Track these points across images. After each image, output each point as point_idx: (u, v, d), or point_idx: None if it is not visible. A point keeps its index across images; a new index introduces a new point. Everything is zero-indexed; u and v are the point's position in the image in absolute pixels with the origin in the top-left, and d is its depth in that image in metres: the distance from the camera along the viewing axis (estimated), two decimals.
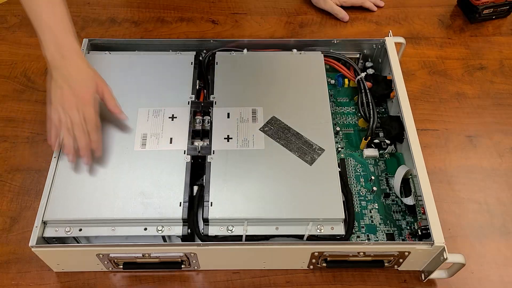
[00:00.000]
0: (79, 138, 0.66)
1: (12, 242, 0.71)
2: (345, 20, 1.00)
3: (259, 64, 0.81)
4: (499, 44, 0.97)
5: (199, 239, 0.65)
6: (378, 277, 0.69)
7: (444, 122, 0.85)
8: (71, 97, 0.67)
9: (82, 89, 0.67)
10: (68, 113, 0.66)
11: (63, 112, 0.67)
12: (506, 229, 0.73)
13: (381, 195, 0.74)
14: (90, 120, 0.67)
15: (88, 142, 0.66)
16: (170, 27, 0.99)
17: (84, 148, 0.66)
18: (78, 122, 0.66)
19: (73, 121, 0.66)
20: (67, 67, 0.68)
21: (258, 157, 0.70)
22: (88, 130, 0.67)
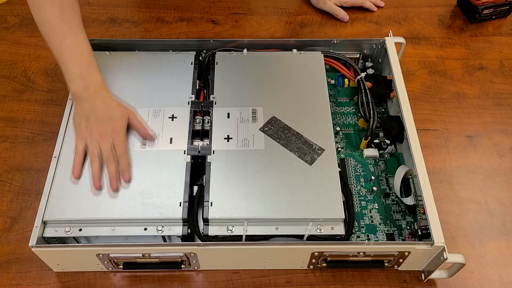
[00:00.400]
0: (108, 163, 0.67)
1: (12, 242, 0.71)
2: (345, 20, 1.00)
3: (259, 64, 0.81)
4: (499, 44, 0.97)
5: (199, 239, 0.65)
6: (378, 277, 0.69)
7: (444, 122, 0.85)
8: (98, 127, 0.68)
9: (110, 120, 0.69)
10: (97, 141, 0.67)
11: (92, 141, 0.68)
12: (506, 229, 0.73)
13: (381, 195, 0.74)
14: (119, 148, 0.68)
15: (117, 167, 0.67)
16: (170, 27, 0.99)
17: (114, 173, 0.66)
18: (106, 150, 0.67)
19: (102, 149, 0.67)
20: (93, 100, 0.69)
21: (258, 157, 0.70)
22: (117, 156, 0.68)
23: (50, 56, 0.93)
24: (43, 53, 0.94)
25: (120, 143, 0.68)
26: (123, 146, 0.68)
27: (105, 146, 0.67)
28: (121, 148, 0.68)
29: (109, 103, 0.70)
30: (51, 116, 0.84)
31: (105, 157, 0.67)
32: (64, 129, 0.72)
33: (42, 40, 0.96)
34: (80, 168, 0.67)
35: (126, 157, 0.68)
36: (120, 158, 0.68)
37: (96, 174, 0.66)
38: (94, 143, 0.67)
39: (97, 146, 0.67)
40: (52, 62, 0.92)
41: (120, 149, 0.68)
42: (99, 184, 0.66)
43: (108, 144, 0.67)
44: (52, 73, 0.91)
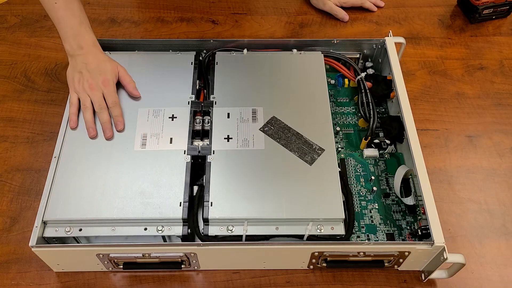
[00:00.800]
0: (101, 113, 0.72)
1: (12, 242, 0.71)
2: (345, 20, 1.00)
3: (259, 64, 0.81)
4: (499, 44, 0.97)
5: (199, 239, 0.65)
6: (378, 277, 0.69)
7: (444, 122, 0.85)
8: (90, 80, 0.73)
9: (101, 73, 0.73)
10: (88, 93, 0.73)
11: (83, 92, 0.73)
12: (506, 229, 0.73)
13: (381, 195, 0.74)
14: (110, 97, 0.73)
15: (109, 117, 0.72)
16: (170, 27, 0.99)
17: (106, 122, 0.71)
18: (97, 100, 0.72)
19: (93, 99, 0.72)
20: (86, 56, 0.74)
21: (258, 157, 0.70)
22: (108, 106, 0.72)
23: (50, 56, 0.93)
24: (43, 53, 0.94)
25: (111, 93, 0.73)
26: (113, 96, 0.73)
27: (95, 97, 0.72)
28: (111, 97, 0.73)
29: (101, 58, 0.75)
30: (51, 116, 0.84)
31: (97, 107, 0.72)
32: (64, 129, 0.72)
33: (42, 40, 0.96)
34: (76, 119, 0.72)
35: (117, 106, 0.73)
36: (111, 108, 0.72)
37: (89, 123, 0.71)
38: (86, 95, 0.73)
39: (88, 97, 0.73)
40: (52, 62, 0.92)
41: (110, 98, 0.73)
42: (94, 133, 0.71)
43: (98, 94, 0.72)
44: (52, 73, 0.91)
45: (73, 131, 0.72)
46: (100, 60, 0.75)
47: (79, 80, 0.73)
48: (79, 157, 0.69)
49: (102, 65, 0.75)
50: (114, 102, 0.73)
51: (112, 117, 0.72)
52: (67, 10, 0.75)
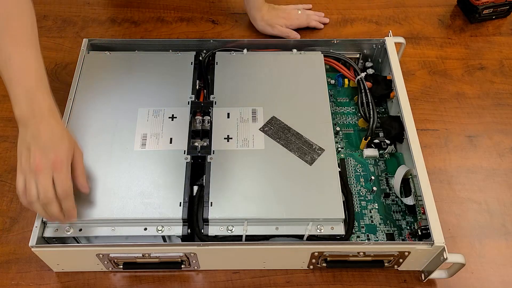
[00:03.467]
0: (47, 206, 0.59)
1: (12, 242, 0.71)
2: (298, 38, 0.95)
3: (259, 64, 0.81)
4: (499, 44, 0.97)
5: (199, 239, 0.65)
6: (378, 277, 0.69)
7: (444, 122, 0.85)
8: (39, 159, 0.58)
9: (53, 151, 0.59)
10: (33, 176, 0.58)
11: (29, 174, 0.58)
12: (506, 229, 0.73)
13: (381, 195, 0.74)
14: (61, 186, 0.59)
15: (58, 209, 0.59)
16: (170, 27, 0.99)
17: (55, 215, 0.60)
18: (43, 189, 0.58)
19: (38, 186, 0.58)
20: (38, 126, 0.59)
21: (258, 157, 0.70)
22: (58, 196, 0.59)
23: (50, 56, 0.93)
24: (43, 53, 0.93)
25: (62, 181, 0.59)
26: (65, 184, 0.59)
27: (41, 184, 0.58)
28: (63, 186, 0.59)
29: (56, 131, 0.60)
30: None
31: (42, 198, 0.58)
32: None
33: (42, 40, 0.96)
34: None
35: (69, 197, 0.59)
36: (62, 199, 0.59)
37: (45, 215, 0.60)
38: (31, 179, 0.58)
39: (34, 183, 0.58)
40: (52, 62, 0.92)
41: (61, 188, 0.58)
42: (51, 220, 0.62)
43: (46, 180, 0.58)
44: (52, 73, 0.91)
45: (73, 130, 0.71)
46: (55, 133, 0.60)
47: (26, 158, 0.58)
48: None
49: (57, 141, 0.60)
50: (66, 193, 0.59)
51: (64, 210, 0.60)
52: (21, 69, 0.60)
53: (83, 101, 0.75)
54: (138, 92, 0.76)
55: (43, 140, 0.59)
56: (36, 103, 0.60)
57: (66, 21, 0.99)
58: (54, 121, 0.61)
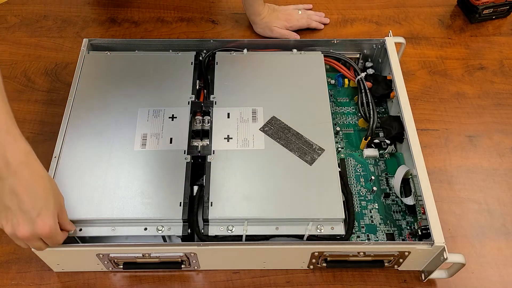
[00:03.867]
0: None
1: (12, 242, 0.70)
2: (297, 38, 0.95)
3: (259, 64, 0.81)
4: (499, 44, 0.97)
5: (199, 239, 0.65)
6: (378, 277, 0.69)
7: (444, 122, 0.85)
8: (24, 226, 0.54)
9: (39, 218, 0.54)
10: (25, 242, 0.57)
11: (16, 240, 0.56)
12: (506, 229, 0.73)
13: (381, 195, 0.74)
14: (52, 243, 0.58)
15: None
16: (170, 27, 0.99)
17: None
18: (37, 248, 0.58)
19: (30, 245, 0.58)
20: (15, 182, 0.53)
21: (258, 157, 0.70)
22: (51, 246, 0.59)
23: (50, 56, 0.93)
24: (43, 53, 0.94)
25: (52, 240, 0.57)
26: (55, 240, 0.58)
27: (33, 245, 0.57)
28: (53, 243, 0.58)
29: (38, 188, 0.55)
30: (51, 116, 0.84)
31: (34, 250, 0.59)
32: (64, 129, 0.72)
33: (42, 40, 0.96)
34: None
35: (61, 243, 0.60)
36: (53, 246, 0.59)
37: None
38: (20, 241, 0.56)
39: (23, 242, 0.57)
40: (52, 62, 0.92)
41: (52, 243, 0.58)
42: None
43: (36, 243, 0.57)
44: (52, 73, 0.91)
45: (73, 130, 0.71)
46: (37, 188, 0.54)
47: (7, 220, 0.54)
48: (79, 157, 0.69)
49: (40, 202, 0.54)
50: (58, 243, 0.59)
51: None
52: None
53: (83, 101, 0.75)
54: (138, 92, 0.76)
55: (25, 201, 0.53)
56: (9, 150, 0.53)
57: (66, 21, 0.99)
58: (32, 170, 0.55)
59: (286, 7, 0.99)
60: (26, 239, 0.55)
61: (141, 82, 0.77)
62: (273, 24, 0.95)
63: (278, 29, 0.95)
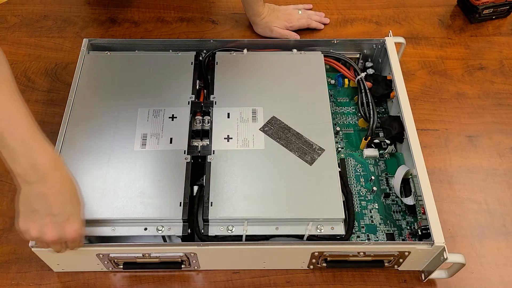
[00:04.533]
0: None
1: (12, 242, 0.71)
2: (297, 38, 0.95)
3: (259, 64, 0.81)
4: (499, 44, 0.97)
5: (199, 239, 0.65)
6: (378, 277, 0.69)
7: (444, 122, 0.85)
8: (52, 230, 0.54)
9: (68, 219, 0.55)
10: (49, 244, 0.57)
11: (40, 243, 0.57)
12: (506, 229, 0.73)
13: (381, 195, 0.74)
14: (74, 247, 0.60)
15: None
16: (170, 27, 0.99)
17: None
18: (58, 250, 0.58)
19: (52, 248, 0.58)
20: (43, 187, 0.54)
21: (258, 157, 0.70)
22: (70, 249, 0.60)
23: (50, 56, 0.93)
24: (43, 53, 0.94)
25: (75, 245, 0.59)
26: (78, 245, 0.59)
27: (56, 249, 0.58)
28: (75, 247, 0.59)
29: (66, 192, 0.56)
30: (51, 116, 0.84)
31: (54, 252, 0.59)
32: (64, 129, 0.72)
33: (42, 40, 0.96)
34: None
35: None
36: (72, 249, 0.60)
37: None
38: (43, 244, 0.57)
39: (46, 245, 0.58)
40: (52, 62, 0.92)
41: (75, 247, 0.59)
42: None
43: (59, 247, 0.58)
44: (52, 73, 0.91)
45: (73, 130, 0.71)
46: (65, 192, 0.55)
47: (34, 223, 0.54)
48: (79, 157, 0.69)
49: (69, 202, 0.55)
50: (79, 246, 0.60)
51: None
52: (12, 119, 0.54)
53: (83, 101, 0.75)
54: (138, 92, 0.76)
55: (54, 207, 0.54)
56: (37, 155, 0.54)
57: (66, 21, 0.99)
58: (60, 175, 0.55)
59: (286, 7, 0.99)
60: (53, 243, 0.56)
61: (141, 82, 0.77)
62: (273, 24, 0.95)
63: (278, 29, 0.95)
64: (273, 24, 0.95)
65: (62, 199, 0.55)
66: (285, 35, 0.95)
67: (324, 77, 0.79)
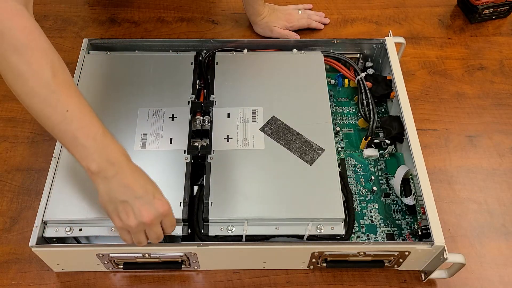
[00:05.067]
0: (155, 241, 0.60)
1: (12, 242, 0.71)
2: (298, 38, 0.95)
3: (259, 64, 0.81)
4: (499, 44, 0.97)
5: (199, 239, 0.65)
6: (378, 277, 0.69)
7: (444, 122, 0.85)
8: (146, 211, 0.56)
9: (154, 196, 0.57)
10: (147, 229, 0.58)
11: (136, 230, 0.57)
12: (506, 229, 0.73)
13: (381, 195, 0.74)
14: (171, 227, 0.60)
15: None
16: (170, 27, 0.99)
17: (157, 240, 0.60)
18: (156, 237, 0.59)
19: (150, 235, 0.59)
20: (121, 177, 0.56)
21: (258, 157, 0.70)
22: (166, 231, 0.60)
23: None
24: None
25: (171, 222, 0.59)
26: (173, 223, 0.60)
27: (156, 231, 0.58)
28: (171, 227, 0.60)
29: (143, 177, 0.58)
30: None
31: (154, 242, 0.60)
32: None
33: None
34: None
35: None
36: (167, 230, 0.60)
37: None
38: (142, 233, 0.58)
39: (144, 233, 0.58)
40: None
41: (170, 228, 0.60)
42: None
43: (158, 228, 0.58)
44: None
45: None
46: (142, 176, 0.58)
47: (128, 213, 0.56)
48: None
49: (151, 188, 0.58)
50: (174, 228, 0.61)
51: None
52: (83, 119, 0.55)
53: None
54: (138, 92, 0.76)
55: (139, 191, 0.56)
56: (111, 153, 0.56)
57: (66, 21, 0.99)
58: (131, 166, 0.58)
59: (286, 7, 0.99)
60: (151, 223, 0.56)
61: (141, 82, 0.77)
62: (273, 24, 0.95)
63: (278, 29, 0.95)
64: (273, 24, 0.95)
65: (141, 183, 0.57)
66: (285, 35, 0.95)
67: (324, 77, 0.79)
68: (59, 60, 0.57)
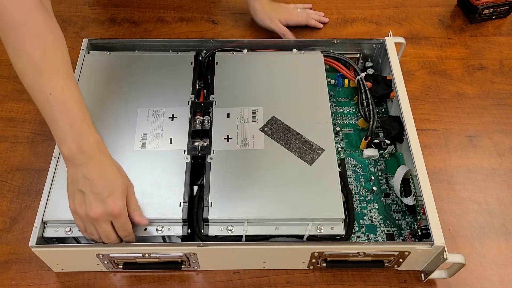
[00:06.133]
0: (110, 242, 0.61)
1: (12, 242, 0.71)
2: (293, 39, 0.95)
3: (259, 64, 0.81)
4: (499, 44, 0.97)
5: (199, 239, 0.65)
6: (378, 277, 0.69)
7: (444, 122, 0.85)
8: (96, 207, 0.57)
9: (109, 196, 0.58)
10: (95, 224, 0.59)
11: (87, 220, 0.59)
12: (506, 229, 0.73)
13: (381, 195, 0.74)
14: (122, 231, 0.60)
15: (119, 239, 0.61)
16: (170, 27, 0.99)
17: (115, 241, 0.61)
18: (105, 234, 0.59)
19: (99, 231, 0.59)
20: (88, 165, 0.58)
21: (258, 157, 0.70)
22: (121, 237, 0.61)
23: None
24: None
25: (122, 225, 0.59)
26: (125, 227, 0.60)
27: (103, 229, 0.59)
28: (123, 231, 0.60)
29: (109, 171, 0.59)
30: None
31: (104, 240, 0.60)
32: None
33: None
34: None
35: (131, 236, 0.61)
36: (124, 238, 0.61)
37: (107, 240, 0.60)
38: (91, 225, 0.59)
39: (94, 226, 0.59)
40: None
41: (122, 231, 0.60)
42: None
43: (105, 226, 0.59)
44: None
45: None
46: (108, 173, 0.59)
47: (81, 203, 0.58)
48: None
49: (111, 185, 0.58)
50: (127, 232, 0.60)
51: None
52: (64, 103, 0.57)
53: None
54: (138, 92, 0.76)
55: (97, 184, 0.57)
56: (85, 140, 0.58)
57: (66, 21, 0.99)
58: (104, 157, 0.59)
59: (286, 5, 0.99)
60: (98, 219, 0.58)
61: (141, 82, 0.77)
62: (272, 14, 0.95)
63: (278, 21, 0.95)
64: (273, 14, 0.95)
65: (104, 178, 0.58)
66: (283, 30, 0.95)
67: (324, 77, 0.79)
68: (56, 42, 0.58)
